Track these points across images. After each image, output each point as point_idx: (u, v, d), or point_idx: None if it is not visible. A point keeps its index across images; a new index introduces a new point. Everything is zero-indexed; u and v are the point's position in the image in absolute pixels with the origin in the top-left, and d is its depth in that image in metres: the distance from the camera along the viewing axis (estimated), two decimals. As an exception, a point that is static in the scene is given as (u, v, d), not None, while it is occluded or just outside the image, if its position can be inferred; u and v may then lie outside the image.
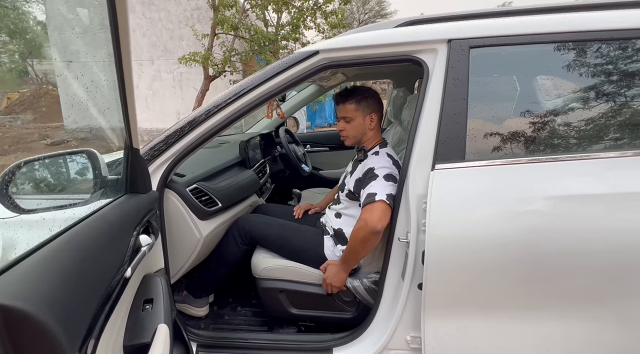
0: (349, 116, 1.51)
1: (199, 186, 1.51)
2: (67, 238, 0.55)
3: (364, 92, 1.52)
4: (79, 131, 1.15)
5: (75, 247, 0.55)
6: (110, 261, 0.68)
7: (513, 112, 1.22)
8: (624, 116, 1.17)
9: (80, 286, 0.52)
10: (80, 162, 1.07)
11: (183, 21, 8.65)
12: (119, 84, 0.83)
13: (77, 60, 0.93)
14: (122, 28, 0.73)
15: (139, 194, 1.06)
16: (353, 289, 1.46)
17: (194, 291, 1.68)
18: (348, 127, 1.53)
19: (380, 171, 1.39)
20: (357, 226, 1.35)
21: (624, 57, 1.17)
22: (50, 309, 0.43)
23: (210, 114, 1.29)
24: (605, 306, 1.13)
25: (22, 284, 0.43)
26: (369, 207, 1.33)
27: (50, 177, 1.08)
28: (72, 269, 0.51)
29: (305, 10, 6.72)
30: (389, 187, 1.34)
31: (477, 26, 1.21)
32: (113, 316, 0.71)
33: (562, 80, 1.21)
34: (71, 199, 1.07)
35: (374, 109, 1.53)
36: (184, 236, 1.43)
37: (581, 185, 1.12)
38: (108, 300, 0.64)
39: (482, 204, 1.15)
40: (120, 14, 0.70)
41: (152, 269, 1.10)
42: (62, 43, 1.04)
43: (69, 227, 0.61)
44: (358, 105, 1.50)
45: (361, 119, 1.52)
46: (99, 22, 0.81)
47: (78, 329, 0.50)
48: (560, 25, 1.17)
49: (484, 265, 1.14)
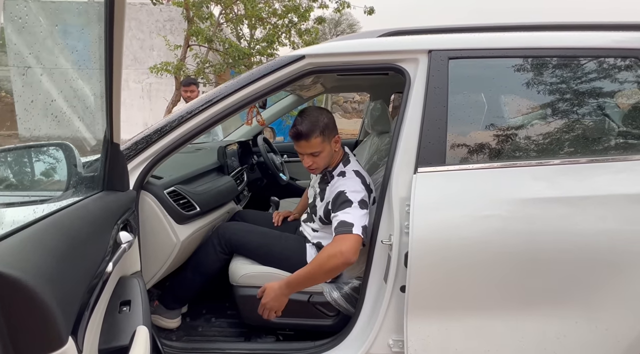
0: (317, 150, 1.40)
1: (177, 189, 1.46)
2: (52, 222, 0.51)
3: (321, 118, 1.40)
4: (34, 140, 1.09)
5: (61, 231, 0.51)
6: (93, 252, 0.64)
7: (486, 119, 1.29)
8: (584, 125, 1.28)
9: (71, 269, 0.49)
10: (53, 157, 1.00)
11: (155, 31, 8.50)
12: (106, 73, 0.81)
13: (38, 66, 0.88)
14: (117, 22, 0.71)
15: (116, 192, 1.01)
16: (333, 301, 1.44)
17: (167, 302, 1.60)
18: (317, 160, 1.43)
19: (353, 196, 1.33)
20: (329, 253, 1.27)
21: (583, 74, 1.29)
22: (47, 282, 0.39)
23: (193, 113, 1.26)
24: (573, 304, 1.19)
25: (17, 254, 0.39)
26: (346, 238, 1.26)
27: (18, 171, 1.01)
28: (62, 251, 0.48)
29: (280, 27, 6.85)
30: (364, 217, 1.30)
31: (456, 39, 1.29)
32: (93, 314, 0.67)
33: (529, 92, 1.30)
34: (41, 196, 0.99)
35: (334, 128, 1.45)
36: (159, 240, 1.37)
37: (558, 188, 1.19)
38: (92, 293, 0.60)
39: (462, 206, 1.19)
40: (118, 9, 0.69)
41: (129, 271, 1.04)
42: (20, 47, 1.00)
43: (52, 213, 0.57)
44: (324, 136, 1.39)
45: (329, 148, 1.43)
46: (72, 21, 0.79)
47: (71, 311, 0.46)
48: (528, 42, 1.28)
49: (465, 266, 1.18)
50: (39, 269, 0.40)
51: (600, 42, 1.27)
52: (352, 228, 1.27)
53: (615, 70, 1.28)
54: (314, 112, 1.44)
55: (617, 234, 1.14)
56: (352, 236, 1.27)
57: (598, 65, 1.28)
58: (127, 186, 1.09)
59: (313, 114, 1.42)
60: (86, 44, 0.98)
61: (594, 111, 1.28)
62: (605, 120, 1.30)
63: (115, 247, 0.81)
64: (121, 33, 0.71)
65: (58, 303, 0.40)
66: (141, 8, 8.40)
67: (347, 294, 1.45)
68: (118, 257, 0.78)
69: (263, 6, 6.63)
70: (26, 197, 0.96)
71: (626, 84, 1.28)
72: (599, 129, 1.28)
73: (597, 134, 1.27)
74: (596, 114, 1.28)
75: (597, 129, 1.28)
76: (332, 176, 1.48)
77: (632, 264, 1.14)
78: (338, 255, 1.25)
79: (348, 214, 1.30)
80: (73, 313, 0.47)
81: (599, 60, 1.28)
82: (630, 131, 1.29)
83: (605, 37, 1.28)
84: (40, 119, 0.87)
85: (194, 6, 5.83)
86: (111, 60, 0.76)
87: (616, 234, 1.14)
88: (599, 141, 1.27)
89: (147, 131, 1.30)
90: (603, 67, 1.28)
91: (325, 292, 1.45)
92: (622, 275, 1.14)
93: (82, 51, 0.98)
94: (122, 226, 0.93)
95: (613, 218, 1.15)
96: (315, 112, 1.43)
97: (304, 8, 6.64)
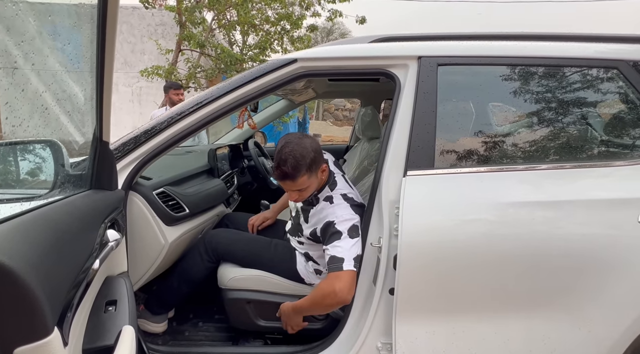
0: (304, 186, 1.31)
1: (166, 190, 1.45)
2: (39, 214, 0.51)
3: (307, 154, 1.27)
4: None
5: (47, 224, 0.51)
6: (79, 247, 0.63)
7: (475, 124, 1.32)
8: (569, 132, 1.32)
9: (57, 262, 0.48)
10: (40, 154, 0.99)
11: (146, 35, 8.46)
12: (97, 70, 0.80)
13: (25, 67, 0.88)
14: (110, 20, 0.71)
15: (104, 190, 1.00)
16: None
17: (152, 308, 1.57)
18: (304, 194, 1.35)
19: (342, 226, 1.28)
20: (323, 292, 1.27)
21: (568, 83, 1.33)
22: (33, 270, 0.39)
23: (185, 114, 1.26)
24: (558, 307, 1.21)
25: (2, 243, 0.38)
26: (338, 276, 1.24)
27: (3, 169, 0.99)
28: (48, 243, 0.47)
29: (273, 34, 6.90)
30: (355, 247, 1.26)
31: (445, 46, 1.32)
32: (77, 312, 0.65)
33: (516, 99, 1.33)
34: (26, 194, 0.98)
35: (320, 159, 1.34)
36: (147, 241, 1.35)
37: (544, 192, 1.21)
38: (78, 289, 0.59)
39: (450, 209, 1.21)
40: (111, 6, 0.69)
41: (115, 271, 1.02)
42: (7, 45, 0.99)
43: (38, 207, 0.56)
44: (310, 172, 1.30)
45: (316, 180, 1.34)
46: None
47: (57, 302, 0.45)
48: (515, 51, 1.32)
49: (453, 269, 1.19)
50: (24, 257, 0.39)
51: (584, 53, 1.31)
52: (342, 264, 1.24)
53: (599, 80, 1.32)
54: (297, 147, 1.27)
55: (600, 238, 1.17)
56: (343, 274, 1.24)
57: (582, 75, 1.32)
58: (116, 185, 1.08)
59: (296, 150, 1.27)
60: (77, 43, 0.98)
61: (578, 118, 1.32)
62: (589, 128, 1.34)
63: (102, 245, 0.80)
64: (114, 31, 0.71)
65: (44, 291, 0.40)
66: (133, 12, 8.37)
67: None
68: (105, 255, 0.77)
69: (256, 13, 6.68)
70: (11, 195, 0.94)
71: (609, 93, 1.33)
72: (583, 136, 1.32)
73: (580, 141, 1.31)
74: (580, 122, 1.32)
75: (581, 136, 1.32)
76: (318, 199, 1.41)
77: (615, 267, 1.16)
78: (332, 295, 1.25)
79: (338, 248, 1.27)
80: (59, 305, 0.47)
81: (583, 70, 1.32)
82: (612, 139, 1.33)
83: (589, 48, 1.32)
84: (27, 116, 0.86)
85: (186, 11, 5.84)
86: (102, 57, 0.76)
87: (599, 238, 1.17)
88: (583, 148, 1.30)
89: (136, 131, 1.29)
90: (587, 78, 1.33)
91: None
92: (605, 278, 1.17)
93: (72, 51, 0.98)
94: (110, 225, 0.92)
95: (596, 222, 1.18)
96: (299, 148, 1.27)
97: (297, 16, 6.70)
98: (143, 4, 6.25)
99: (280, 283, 1.47)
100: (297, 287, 1.49)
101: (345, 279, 1.24)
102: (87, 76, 0.80)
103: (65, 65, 0.96)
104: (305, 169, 1.27)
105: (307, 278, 1.48)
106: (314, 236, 1.41)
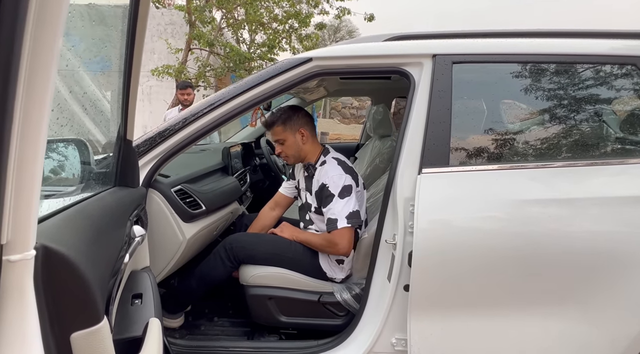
0: (280, 137, 1.56)
1: (184, 188, 1.48)
2: (81, 209, 0.53)
3: (287, 112, 1.58)
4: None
5: (88, 219, 0.53)
6: (113, 242, 0.65)
7: (489, 122, 1.32)
8: (583, 129, 1.31)
9: (99, 253, 0.50)
10: (67, 153, 1.02)
11: (156, 35, 8.54)
12: (125, 72, 0.83)
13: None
14: (140, 25, 0.74)
15: (128, 188, 1.03)
16: (344, 302, 1.46)
17: (169, 307, 1.60)
18: (284, 148, 1.58)
19: (334, 188, 1.44)
20: (327, 242, 1.45)
21: (582, 79, 1.32)
22: (86, 260, 0.41)
23: (205, 111, 1.29)
24: (574, 305, 1.21)
25: (57, 234, 0.41)
26: (337, 233, 1.42)
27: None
28: (90, 236, 0.50)
29: (281, 33, 6.92)
30: (347, 206, 1.42)
31: (459, 44, 1.33)
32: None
33: (530, 96, 1.33)
34: (54, 191, 1.01)
35: (302, 124, 1.57)
36: (166, 237, 1.38)
37: (558, 190, 1.22)
38: (115, 279, 0.62)
39: (465, 206, 1.22)
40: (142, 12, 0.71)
41: (139, 266, 1.06)
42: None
43: (74, 203, 0.59)
44: (284, 126, 1.55)
45: (292, 138, 1.56)
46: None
47: (103, 291, 0.48)
48: (530, 48, 1.31)
49: (468, 266, 1.20)
50: (77, 247, 0.42)
51: (599, 49, 1.30)
52: (336, 224, 1.41)
53: (614, 77, 1.32)
54: (283, 108, 1.61)
55: (615, 236, 1.17)
56: (341, 231, 1.41)
57: (597, 72, 1.32)
58: (138, 182, 1.11)
59: (281, 109, 1.61)
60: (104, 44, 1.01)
61: (594, 115, 1.32)
62: (603, 125, 1.33)
63: (129, 240, 0.83)
64: (142, 36, 0.74)
65: (95, 280, 0.42)
66: (143, 11, 8.46)
67: (357, 295, 1.46)
68: (133, 249, 0.80)
69: (264, 12, 6.71)
70: (46, 191, 0.98)
71: (623, 90, 1.32)
72: (597, 133, 1.32)
73: (595, 138, 1.31)
74: (594, 119, 1.32)
75: (595, 133, 1.32)
76: (315, 167, 1.57)
77: (630, 265, 1.16)
78: (333, 246, 1.44)
79: (331, 210, 1.44)
80: (104, 294, 0.49)
81: (598, 67, 1.31)
82: (627, 136, 1.33)
83: (604, 45, 1.32)
84: (71, 116, 0.89)
85: (196, 10, 5.89)
86: (131, 60, 0.79)
87: (614, 235, 1.17)
88: (597, 145, 1.30)
89: (155, 130, 1.32)
90: (601, 74, 1.32)
91: (336, 292, 1.47)
92: (621, 276, 1.17)
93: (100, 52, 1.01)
94: (135, 221, 0.95)
95: (611, 220, 1.17)
96: (284, 109, 1.61)
97: (305, 14, 6.71)
98: (153, 4, 6.32)
99: (302, 280, 1.50)
100: (319, 284, 1.51)
101: (342, 235, 1.42)
102: (115, 78, 0.83)
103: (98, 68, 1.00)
104: (281, 122, 1.55)
105: (330, 271, 1.51)
106: (318, 202, 1.53)
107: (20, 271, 0.35)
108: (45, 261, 0.38)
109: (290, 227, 1.62)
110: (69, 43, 0.94)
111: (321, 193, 1.48)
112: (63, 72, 0.88)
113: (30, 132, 0.36)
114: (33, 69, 0.35)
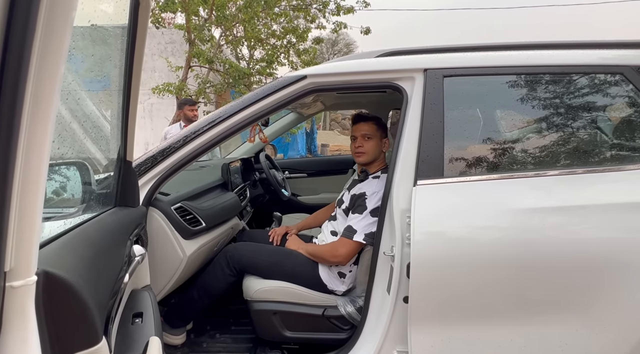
0: (370, 133, 1.60)
1: (184, 205, 1.50)
2: (81, 231, 0.55)
3: (380, 119, 1.66)
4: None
5: (88, 241, 0.55)
6: (113, 262, 0.67)
7: (481, 133, 1.35)
8: (577, 138, 1.33)
9: (98, 275, 0.52)
10: (68, 175, 1.05)
11: (157, 53, 8.69)
12: (124, 94, 0.86)
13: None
14: (138, 47, 0.77)
15: (128, 207, 1.05)
16: (348, 315, 1.46)
17: (172, 321, 1.61)
18: (367, 144, 1.60)
19: (370, 203, 1.47)
20: (330, 247, 1.50)
21: (572, 89, 1.35)
22: (86, 284, 0.43)
23: (202, 131, 1.32)
24: (575, 312, 1.21)
25: (57, 258, 0.43)
26: (346, 242, 1.45)
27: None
28: (90, 258, 0.51)
29: (279, 48, 7.03)
30: (371, 225, 1.43)
31: (450, 58, 1.36)
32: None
33: (521, 107, 1.36)
34: (56, 212, 1.03)
35: (386, 135, 1.66)
36: (167, 255, 1.40)
37: (556, 198, 1.23)
38: (114, 300, 0.63)
39: (461, 217, 1.23)
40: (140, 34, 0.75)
41: (139, 284, 1.07)
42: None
43: (75, 226, 0.61)
44: (379, 126, 1.62)
45: (379, 140, 1.62)
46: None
47: (102, 312, 0.49)
48: (518, 60, 1.34)
49: (466, 276, 1.20)
50: (76, 271, 0.44)
51: (589, 60, 1.33)
52: (353, 235, 1.44)
53: (603, 85, 1.34)
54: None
55: (615, 242, 1.18)
56: (352, 243, 1.44)
57: (587, 82, 1.34)
58: (138, 201, 1.13)
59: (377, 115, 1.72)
60: (102, 66, 1.04)
61: (586, 124, 1.34)
62: (597, 133, 1.35)
63: (129, 259, 0.84)
64: (141, 57, 0.77)
65: (94, 302, 0.44)
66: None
67: (361, 308, 1.46)
68: (133, 269, 0.81)
69: (262, 28, 6.83)
70: (48, 214, 1.00)
71: (615, 98, 1.34)
72: (591, 141, 1.34)
73: (589, 146, 1.33)
74: (586, 127, 1.34)
75: (589, 141, 1.34)
76: (368, 176, 1.62)
77: (630, 271, 1.17)
78: (333, 254, 1.48)
79: (355, 219, 1.47)
80: (103, 315, 0.51)
81: (588, 77, 1.34)
82: (622, 143, 1.35)
83: (593, 55, 1.35)
84: (73, 140, 0.92)
85: (195, 29, 6.01)
86: (130, 81, 0.82)
87: (614, 242, 1.18)
88: (593, 153, 1.32)
89: (154, 149, 1.35)
90: (592, 84, 1.35)
91: (340, 305, 1.47)
92: (621, 282, 1.17)
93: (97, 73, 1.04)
94: (135, 240, 0.96)
95: (610, 226, 1.18)
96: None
97: (302, 29, 6.83)
98: (154, 24, 6.45)
99: (306, 294, 1.50)
100: (323, 297, 1.51)
101: (350, 248, 1.46)
102: (115, 100, 0.86)
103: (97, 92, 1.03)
104: (376, 122, 1.62)
105: (330, 283, 1.52)
106: (350, 204, 1.56)
107: (22, 296, 0.37)
108: (46, 286, 0.40)
109: (297, 239, 1.68)
110: (70, 64, 0.97)
111: (357, 199, 1.51)
112: (64, 92, 0.91)
113: (33, 160, 0.38)
114: (37, 97, 0.38)
